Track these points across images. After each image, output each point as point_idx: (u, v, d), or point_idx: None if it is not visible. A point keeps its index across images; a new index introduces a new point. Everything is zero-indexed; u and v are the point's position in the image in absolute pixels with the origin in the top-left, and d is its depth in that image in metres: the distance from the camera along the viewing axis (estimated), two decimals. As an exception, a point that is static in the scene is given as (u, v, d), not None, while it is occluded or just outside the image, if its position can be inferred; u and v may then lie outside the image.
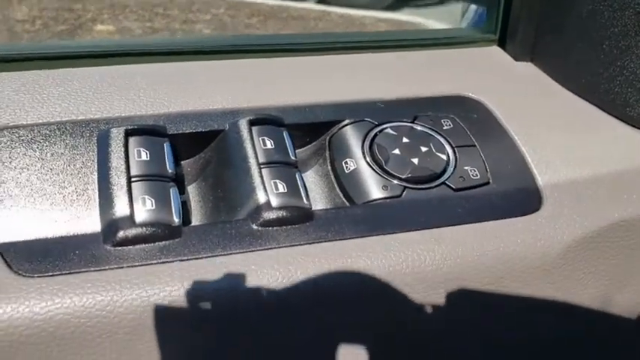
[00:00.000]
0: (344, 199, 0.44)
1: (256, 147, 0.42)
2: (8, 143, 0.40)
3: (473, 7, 0.63)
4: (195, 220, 0.43)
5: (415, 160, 0.44)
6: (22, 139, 0.41)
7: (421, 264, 0.40)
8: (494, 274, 0.41)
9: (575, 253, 0.43)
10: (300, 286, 0.37)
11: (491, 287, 0.41)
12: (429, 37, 0.60)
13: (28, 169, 0.39)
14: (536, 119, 0.50)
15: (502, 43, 0.58)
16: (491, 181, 0.45)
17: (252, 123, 0.43)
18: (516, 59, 0.56)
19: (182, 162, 0.45)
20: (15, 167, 0.39)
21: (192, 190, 0.44)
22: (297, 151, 0.46)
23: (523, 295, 0.42)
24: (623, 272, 0.46)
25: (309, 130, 0.47)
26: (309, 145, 0.47)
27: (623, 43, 0.48)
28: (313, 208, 0.41)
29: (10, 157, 0.40)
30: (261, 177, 0.40)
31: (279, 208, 0.39)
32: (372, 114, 0.47)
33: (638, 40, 0.47)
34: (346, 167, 0.44)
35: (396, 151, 0.45)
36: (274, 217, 0.39)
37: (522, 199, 0.44)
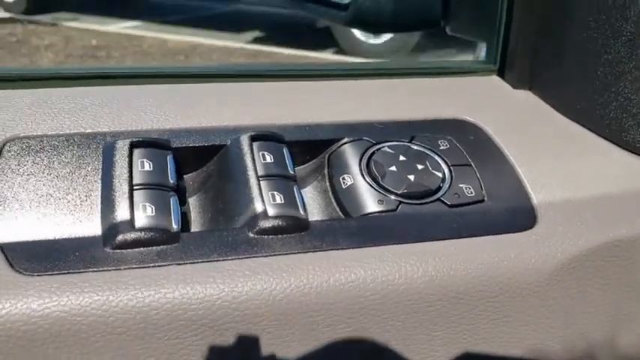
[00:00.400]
0: (340, 213, 0.45)
1: (256, 161, 0.43)
2: (18, 151, 0.42)
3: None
4: (195, 229, 0.44)
5: (411, 177, 0.45)
6: (32, 149, 0.43)
7: (414, 275, 0.40)
8: (487, 288, 0.41)
9: (568, 271, 0.43)
10: (293, 294, 0.38)
11: (484, 301, 0.42)
12: (431, 66, 0.62)
13: (35, 176, 0.41)
14: (532, 142, 0.51)
15: (501, 73, 0.60)
16: (486, 198, 0.46)
17: (253, 139, 0.45)
18: (515, 87, 0.58)
19: (185, 176, 0.46)
20: (23, 173, 0.41)
21: (192, 201, 0.46)
22: (297, 168, 0.47)
23: (515, 310, 0.42)
24: (617, 293, 0.45)
25: (309, 148, 0.48)
26: (309, 163, 0.49)
27: (617, 69, 0.50)
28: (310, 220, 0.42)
29: (18, 165, 0.41)
30: (260, 188, 0.42)
31: (276, 217, 0.40)
32: (371, 133, 0.49)
33: (631, 67, 0.49)
34: (343, 183, 0.45)
35: (393, 168, 0.46)
36: (270, 225, 0.40)
37: (517, 216, 0.45)
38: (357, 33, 4.37)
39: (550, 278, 0.43)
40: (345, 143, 0.48)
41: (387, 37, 4.30)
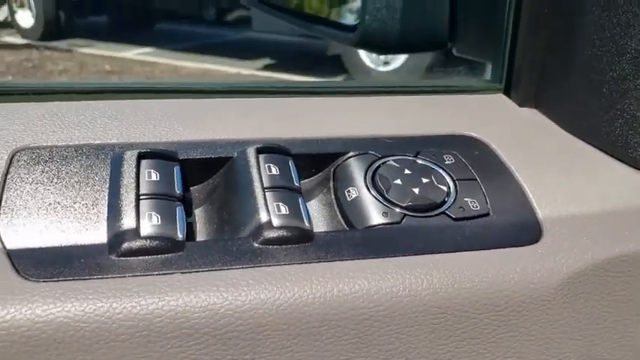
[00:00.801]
0: (345, 226, 0.45)
1: (262, 173, 0.44)
2: (28, 161, 0.43)
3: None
4: (200, 238, 0.44)
5: (416, 190, 0.45)
6: (41, 158, 0.43)
7: (418, 287, 0.40)
8: (491, 301, 0.41)
9: (574, 286, 0.43)
10: (296, 304, 0.38)
11: (488, 315, 0.41)
12: (438, 84, 0.63)
13: (43, 185, 0.42)
14: (538, 158, 0.51)
15: (507, 92, 0.60)
16: (491, 212, 0.45)
17: (259, 151, 0.45)
18: (520, 105, 0.58)
19: (192, 187, 0.47)
20: (32, 182, 0.42)
21: (199, 212, 0.46)
22: (303, 181, 0.48)
23: (519, 325, 0.42)
24: (623, 309, 0.45)
25: (315, 161, 0.48)
26: (315, 176, 0.49)
27: (622, 86, 0.50)
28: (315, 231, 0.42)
29: (28, 174, 0.42)
30: (265, 199, 0.42)
31: (280, 227, 0.40)
32: (377, 148, 0.49)
33: (636, 84, 0.49)
34: (349, 195, 0.46)
35: (398, 182, 0.46)
36: (275, 235, 0.40)
37: (522, 230, 0.45)
38: (366, 60, 4.41)
39: (555, 293, 0.42)
40: (351, 157, 0.48)
41: (396, 64, 4.34)
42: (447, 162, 0.49)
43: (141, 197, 0.41)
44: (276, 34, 5.29)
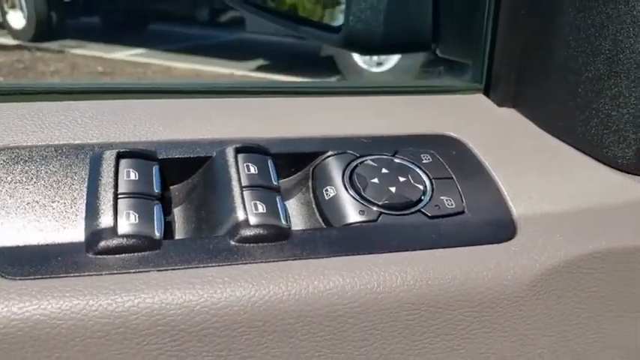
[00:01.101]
0: (323, 224, 0.45)
1: (240, 172, 0.44)
2: (7, 161, 0.43)
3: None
4: (178, 237, 0.44)
5: (393, 189, 0.46)
6: (20, 158, 0.44)
7: (393, 284, 0.40)
8: (465, 297, 0.42)
9: (547, 282, 0.43)
10: (272, 301, 0.38)
11: (462, 311, 0.42)
12: (419, 85, 0.63)
13: (22, 184, 0.42)
14: (514, 157, 0.51)
15: (487, 92, 0.61)
16: (466, 210, 0.46)
17: (238, 150, 0.46)
18: (499, 105, 0.59)
19: (171, 187, 0.47)
20: (10, 181, 0.42)
21: (177, 211, 0.46)
22: (282, 180, 0.48)
23: (493, 321, 0.43)
24: (596, 306, 0.46)
25: (294, 161, 0.49)
26: (294, 175, 0.49)
27: (597, 86, 0.51)
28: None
29: (7, 173, 0.42)
30: (242, 198, 0.42)
31: (257, 225, 0.41)
32: (355, 147, 0.50)
33: (611, 84, 0.50)
34: (326, 194, 0.46)
35: (375, 180, 0.47)
36: (251, 234, 0.41)
37: (496, 228, 0.45)
38: (359, 61, 4.42)
39: (529, 289, 0.43)
40: (330, 156, 0.49)
41: (389, 65, 4.35)
42: (424, 161, 0.49)
43: (119, 196, 0.41)
44: (270, 36, 5.29)
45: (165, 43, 5.42)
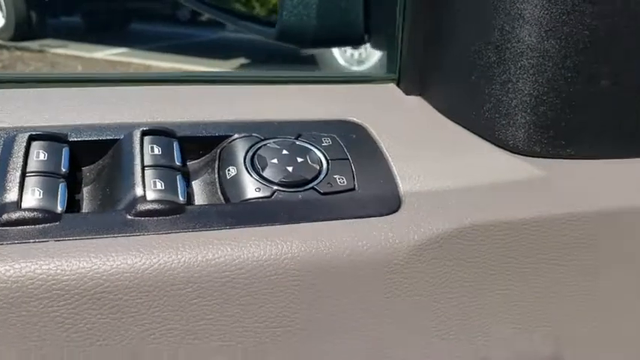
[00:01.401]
0: (223, 201, 0.49)
1: (145, 152, 0.48)
2: None
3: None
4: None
5: (290, 168, 0.50)
6: None
7: (278, 253, 0.44)
8: (349, 264, 0.45)
9: (426, 251, 0.47)
10: (161, 268, 0.42)
11: (347, 278, 0.45)
12: (335, 75, 0.67)
13: None
14: (410, 140, 0.55)
15: (399, 82, 0.65)
16: (357, 187, 0.50)
17: (145, 133, 0.49)
18: (407, 94, 0.63)
19: (83, 168, 0.51)
20: None
21: (86, 190, 0.50)
22: (191, 162, 0.52)
23: (375, 287, 0.46)
24: (478, 273, 0.49)
25: (203, 144, 0.52)
26: (202, 158, 0.53)
27: (488, 74, 0.55)
28: None
29: None
30: (143, 176, 0.46)
31: (153, 201, 0.44)
32: (261, 131, 0.53)
33: (500, 71, 0.54)
34: (228, 174, 0.50)
35: (275, 161, 0.50)
36: (147, 208, 0.44)
37: (382, 203, 0.49)
38: (340, 60, 4.46)
39: (408, 258, 0.47)
40: (235, 139, 0.52)
41: (370, 62, 4.39)
42: (324, 144, 0.53)
43: (27, 174, 0.45)
44: (252, 35, 5.28)
45: (146, 42, 5.43)
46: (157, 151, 0.48)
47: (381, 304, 0.47)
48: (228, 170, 0.50)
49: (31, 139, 0.47)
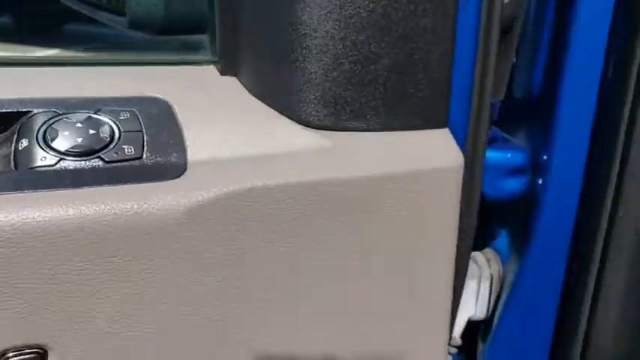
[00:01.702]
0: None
1: None
2: None
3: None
4: None
5: (79, 140, 0.53)
6: None
7: (55, 215, 0.47)
8: (124, 228, 0.49)
9: (198, 215, 0.51)
10: None
11: (126, 238, 0.49)
12: (161, 58, 0.71)
13: None
14: (210, 115, 0.60)
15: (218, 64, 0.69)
16: (145, 156, 0.54)
17: None
18: (222, 75, 0.67)
19: None
20: None
21: None
22: None
23: (152, 248, 0.50)
24: (258, 233, 0.54)
25: (5, 120, 0.55)
26: (5, 133, 0.56)
27: (282, 55, 0.59)
28: None
29: None
30: None
31: None
32: (63, 107, 0.56)
33: (289, 51, 0.59)
34: (21, 145, 0.53)
35: (66, 133, 0.54)
36: None
37: (167, 169, 0.53)
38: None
39: (179, 221, 0.51)
40: (35, 114, 0.56)
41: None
42: (121, 117, 0.57)
43: None
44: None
45: (81, 43, 5.35)
46: None
47: (161, 263, 0.51)
48: (21, 142, 0.53)
49: None
